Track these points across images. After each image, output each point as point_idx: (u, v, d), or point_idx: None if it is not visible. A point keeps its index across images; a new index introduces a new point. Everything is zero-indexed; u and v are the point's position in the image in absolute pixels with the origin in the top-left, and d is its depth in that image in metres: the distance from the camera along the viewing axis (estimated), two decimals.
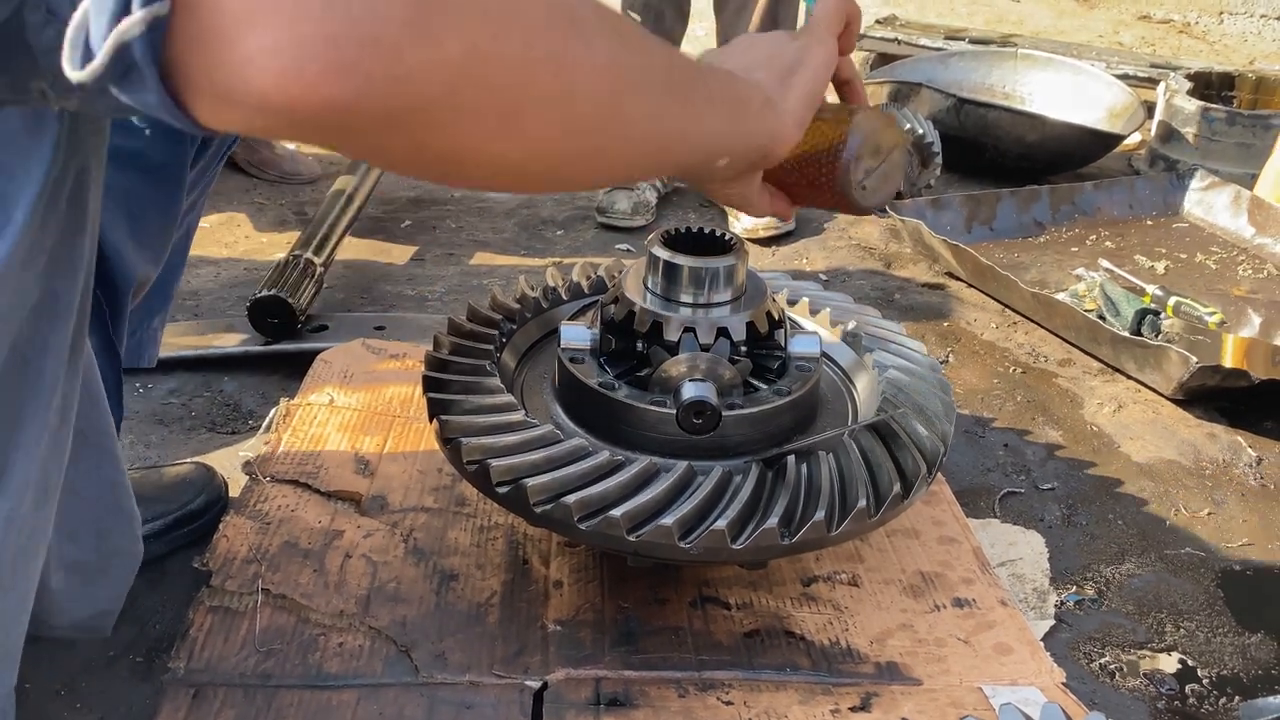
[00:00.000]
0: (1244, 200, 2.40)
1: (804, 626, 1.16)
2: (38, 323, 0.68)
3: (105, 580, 0.94)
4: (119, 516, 0.92)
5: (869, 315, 1.39)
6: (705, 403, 1.09)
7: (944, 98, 2.71)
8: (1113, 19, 4.50)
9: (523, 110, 0.55)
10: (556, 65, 0.56)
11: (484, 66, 0.52)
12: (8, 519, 0.71)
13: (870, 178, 0.91)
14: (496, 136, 0.55)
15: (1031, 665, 1.12)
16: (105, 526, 0.91)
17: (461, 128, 0.54)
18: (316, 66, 0.47)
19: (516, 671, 1.08)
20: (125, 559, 0.95)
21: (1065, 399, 1.80)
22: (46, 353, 0.70)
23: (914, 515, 1.34)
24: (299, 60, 0.47)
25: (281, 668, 1.07)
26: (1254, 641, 1.28)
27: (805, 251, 2.34)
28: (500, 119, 0.54)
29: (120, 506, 0.92)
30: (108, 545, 0.93)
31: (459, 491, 1.34)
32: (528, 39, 0.54)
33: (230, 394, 1.69)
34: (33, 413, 0.71)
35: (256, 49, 0.47)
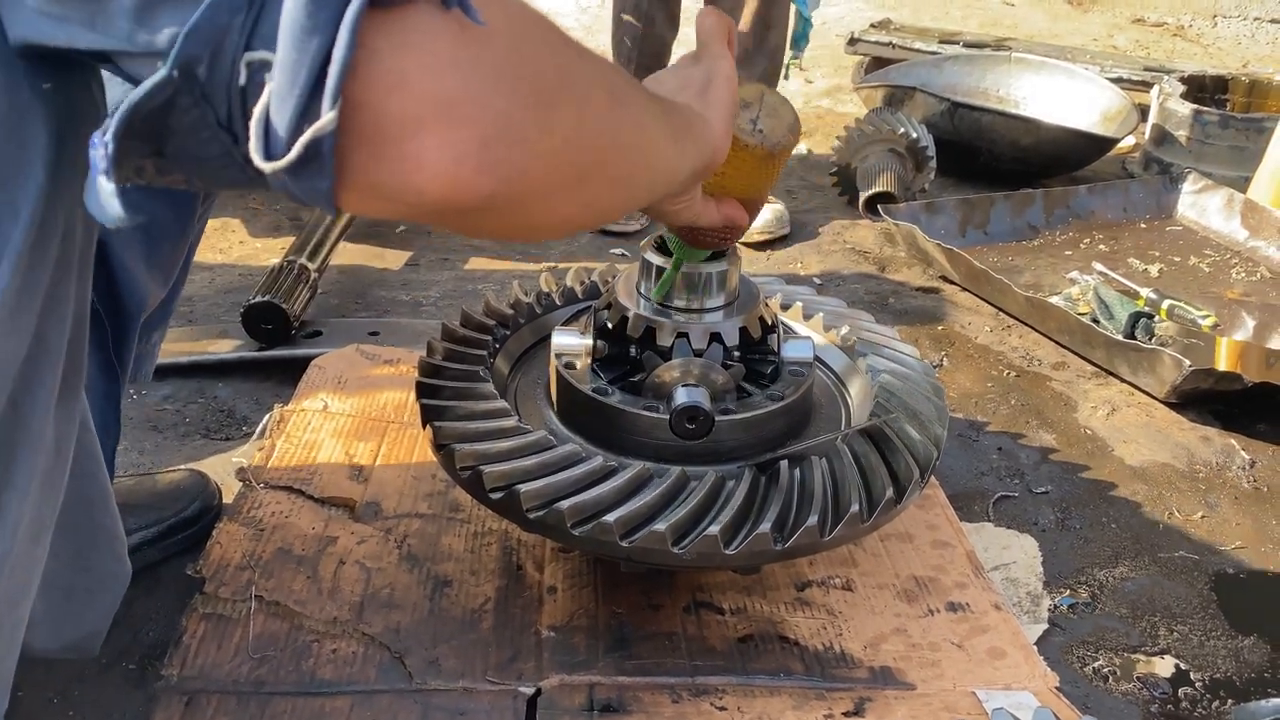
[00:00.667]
0: (1237, 203, 2.40)
1: (798, 631, 1.16)
2: (26, 367, 0.69)
3: (91, 602, 0.94)
4: (102, 538, 0.92)
5: (862, 320, 1.39)
6: (698, 408, 1.10)
7: (938, 101, 2.71)
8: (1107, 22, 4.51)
9: (595, 176, 0.67)
10: (615, 133, 0.68)
11: (577, 149, 0.63)
12: (2, 559, 0.72)
13: (760, 122, 1.00)
14: (571, 203, 0.66)
15: (1025, 669, 1.13)
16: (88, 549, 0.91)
17: (550, 202, 0.63)
18: (471, 165, 0.55)
19: (510, 678, 1.08)
20: (111, 581, 0.95)
21: (1059, 402, 1.80)
22: (36, 395, 0.70)
23: (907, 519, 1.34)
24: (458, 162, 0.55)
25: (275, 675, 1.07)
26: (1247, 645, 1.29)
27: (799, 256, 2.34)
28: (580, 187, 0.65)
29: (103, 527, 0.92)
30: (92, 567, 0.93)
31: (453, 497, 1.34)
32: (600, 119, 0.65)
33: (224, 400, 1.69)
34: (25, 454, 0.71)
35: (419, 151, 0.54)
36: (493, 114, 0.55)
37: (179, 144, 0.54)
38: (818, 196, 2.66)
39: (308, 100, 0.51)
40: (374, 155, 0.54)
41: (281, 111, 0.52)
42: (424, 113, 0.53)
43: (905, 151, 2.53)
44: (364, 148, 0.53)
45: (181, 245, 1.14)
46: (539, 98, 0.58)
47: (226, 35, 0.52)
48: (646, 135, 0.74)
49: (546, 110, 0.59)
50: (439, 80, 0.54)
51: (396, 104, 0.53)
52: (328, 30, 0.51)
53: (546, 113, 0.59)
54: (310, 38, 0.51)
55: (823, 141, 3.01)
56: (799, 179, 2.79)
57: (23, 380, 0.69)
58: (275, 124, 0.52)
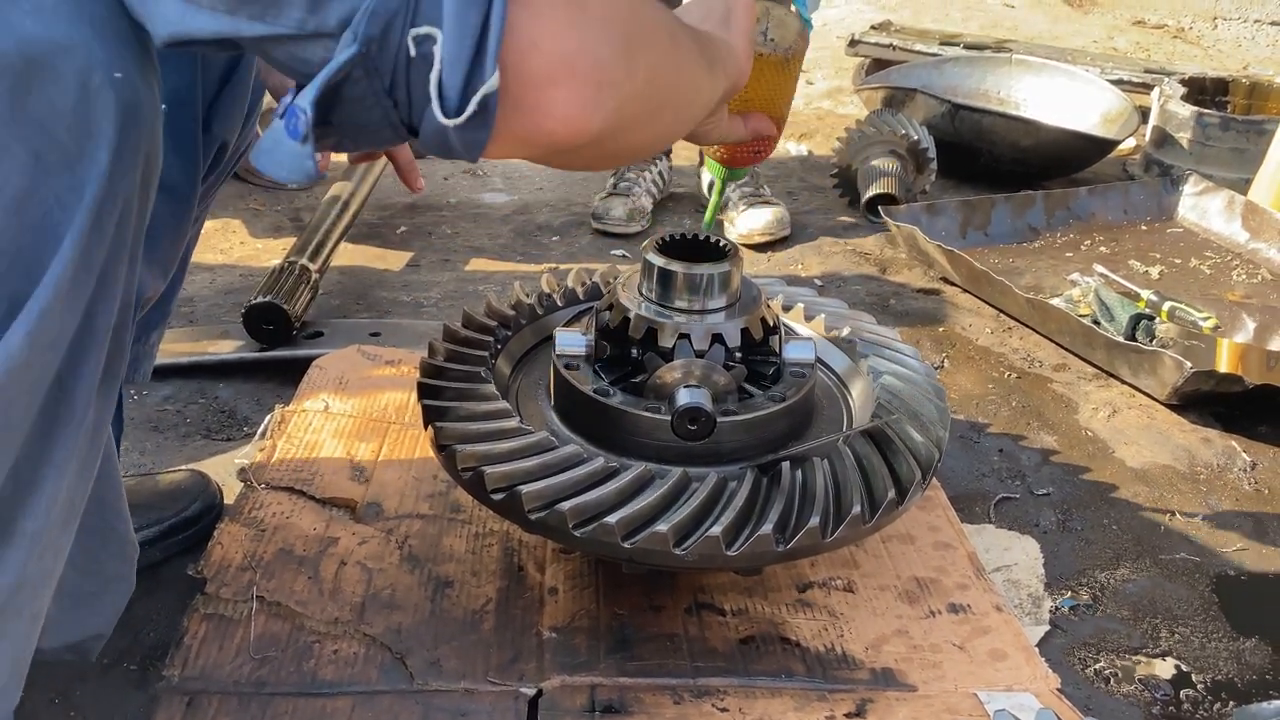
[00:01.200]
0: (1238, 205, 2.41)
1: (799, 633, 1.16)
2: (74, 346, 0.70)
3: (96, 605, 0.94)
4: (113, 541, 0.92)
5: (864, 321, 1.39)
6: (700, 409, 1.10)
7: (939, 103, 2.71)
8: (1107, 24, 4.51)
9: (664, 109, 0.78)
10: (677, 70, 0.79)
11: (653, 87, 0.73)
12: (34, 539, 0.72)
13: (769, 32, 1.09)
14: (648, 133, 0.78)
15: (1026, 671, 1.13)
16: (99, 551, 0.91)
17: (634, 134, 0.75)
18: (590, 110, 0.65)
19: (511, 679, 1.08)
20: (118, 585, 0.95)
21: (1060, 404, 1.80)
22: (81, 375, 0.71)
23: (909, 521, 1.34)
24: (581, 108, 0.65)
25: (276, 675, 1.07)
26: (1248, 646, 1.29)
27: (800, 257, 2.34)
28: (653, 119, 0.77)
29: (114, 530, 0.92)
30: (100, 570, 0.92)
31: (454, 498, 1.34)
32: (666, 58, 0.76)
33: (225, 401, 1.69)
34: (67, 434, 0.72)
35: (551, 102, 0.64)
36: (601, 64, 0.65)
37: (346, 111, 0.62)
38: (818, 198, 2.66)
39: (472, 65, 0.60)
40: (518, 108, 0.63)
41: (453, 76, 0.60)
42: (554, 69, 0.63)
43: (906, 153, 2.53)
44: (510, 102, 0.62)
45: (179, 241, 1.14)
46: (628, 46, 0.68)
47: (396, 15, 0.60)
48: (695, 68, 0.83)
49: (633, 56, 0.68)
50: (563, 41, 0.63)
51: (533, 64, 0.62)
52: (483, 6, 0.59)
53: (634, 58, 0.68)
54: (470, 10, 0.59)
55: (823, 143, 3.01)
56: (799, 180, 2.79)
57: (70, 359, 0.70)
58: (449, 87, 0.60)
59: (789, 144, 3.06)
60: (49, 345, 0.68)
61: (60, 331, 0.68)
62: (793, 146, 3.04)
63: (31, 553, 0.73)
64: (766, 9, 1.09)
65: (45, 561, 0.76)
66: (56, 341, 0.68)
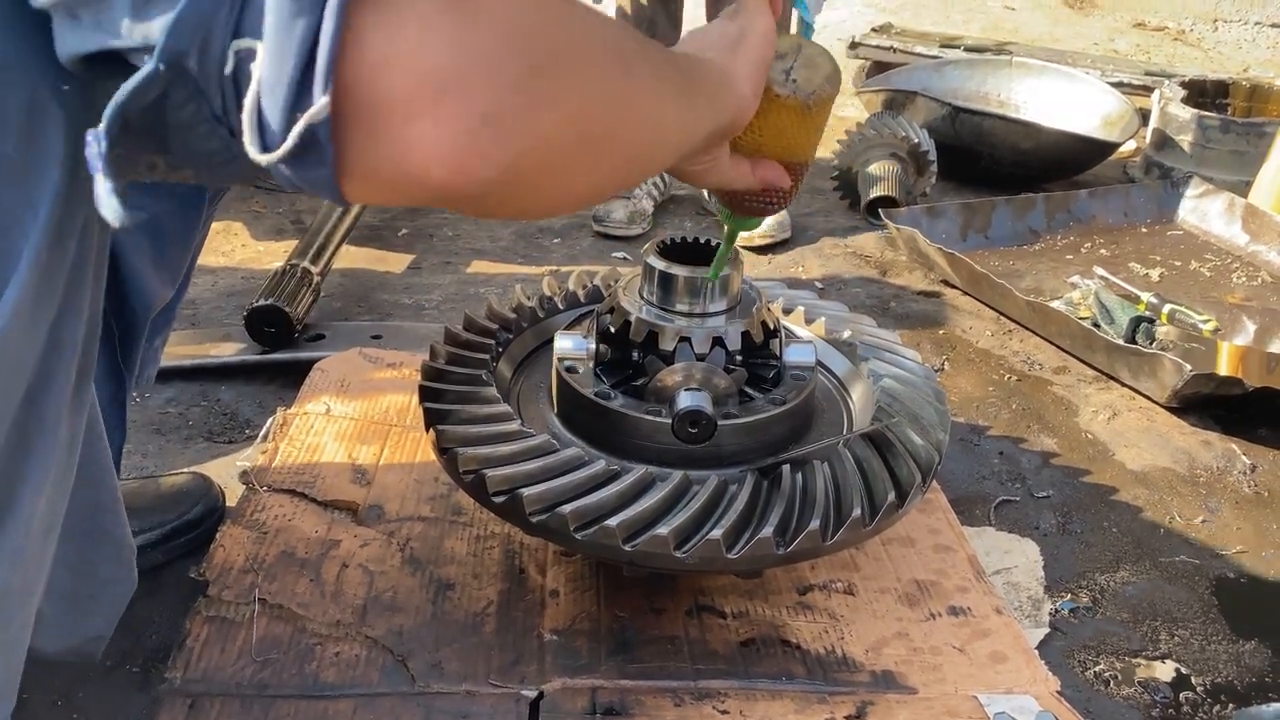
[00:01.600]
0: (1238, 208, 2.41)
1: (800, 635, 1.17)
2: (43, 363, 0.69)
3: (95, 608, 0.94)
4: (108, 544, 0.92)
5: (864, 324, 1.40)
6: (700, 412, 1.10)
7: (939, 106, 2.72)
8: (1107, 26, 4.52)
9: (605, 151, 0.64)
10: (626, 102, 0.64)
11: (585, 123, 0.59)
12: (15, 553, 0.72)
13: (793, 72, 0.94)
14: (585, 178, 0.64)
15: (1026, 673, 1.13)
16: (93, 554, 0.91)
17: (563, 178, 0.61)
18: (472, 145, 0.52)
19: (513, 681, 1.08)
20: (115, 587, 0.95)
21: (1060, 407, 1.81)
22: (51, 391, 0.71)
23: (909, 523, 1.34)
24: (458, 142, 0.52)
25: (278, 677, 1.07)
26: (1248, 649, 1.29)
27: (801, 260, 2.34)
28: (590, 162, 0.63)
29: (109, 534, 0.92)
30: (96, 573, 0.93)
31: (455, 501, 1.34)
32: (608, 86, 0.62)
33: (227, 403, 1.70)
34: (40, 451, 0.71)
35: (417, 133, 0.51)
36: (491, 89, 0.52)
37: (181, 139, 0.53)
38: (819, 200, 2.66)
39: (299, 87, 0.49)
40: (371, 139, 0.51)
41: (273, 100, 0.50)
42: (417, 92, 0.50)
43: (906, 156, 2.53)
44: (360, 132, 0.51)
45: (188, 247, 1.15)
46: (540, 70, 0.55)
47: (214, 24, 0.49)
48: (660, 99, 0.70)
49: (550, 82, 0.55)
50: (430, 56, 0.50)
51: (387, 84, 0.50)
52: (314, 10, 0.48)
53: (550, 85, 0.55)
54: (296, 20, 0.48)
55: (823, 146, 3.01)
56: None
57: (39, 377, 0.69)
58: (268, 113, 0.50)
59: None
60: (13, 368, 0.67)
61: (25, 353, 0.67)
62: None
63: (14, 567, 0.73)
64: (798, 45, 0.96)
65: (29, 573, 0.76)
66: (21, 364, 0.67)
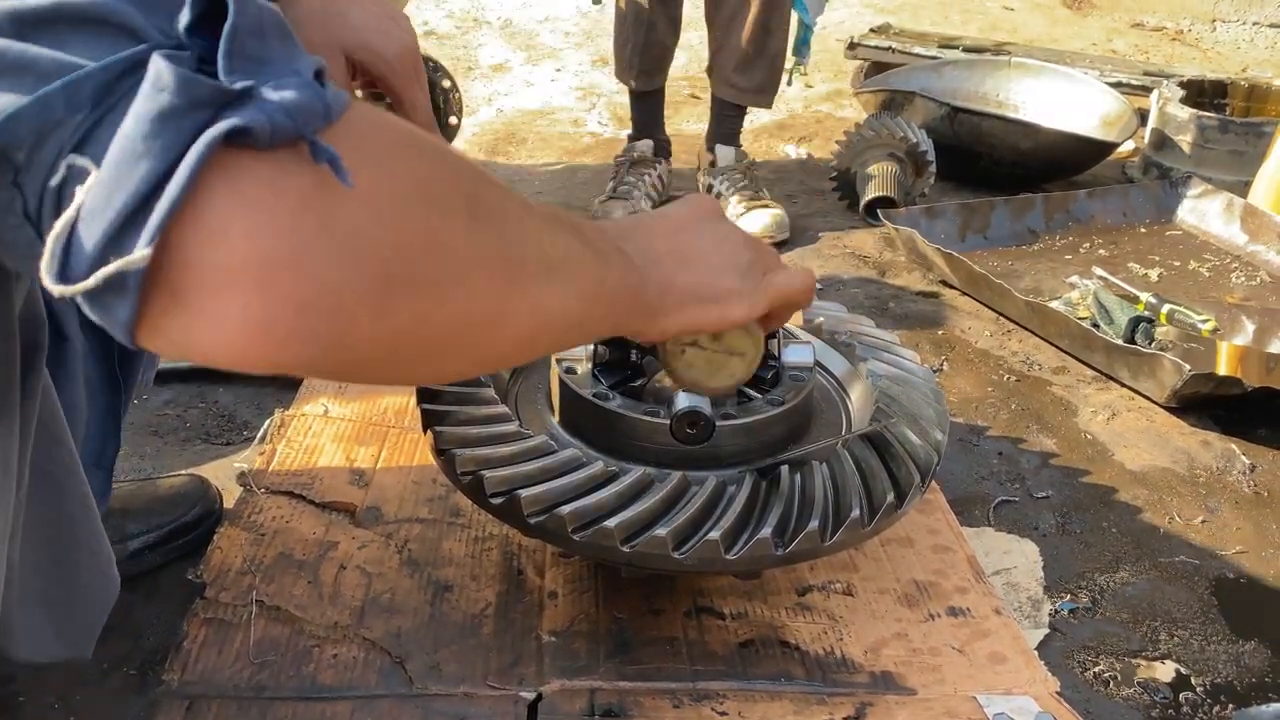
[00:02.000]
0: (1237, 208, 2.41)
1: (799, 636, 1.16)
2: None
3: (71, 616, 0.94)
4: (81, 553, 0.92)
5: (863, 324, 1.40)
6: (699, 413, 1.10)
7: (938, 106, 2.72)
8: (1106, 27, 4.52)
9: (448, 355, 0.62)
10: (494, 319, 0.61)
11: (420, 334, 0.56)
12: None
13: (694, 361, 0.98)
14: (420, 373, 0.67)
15: (1026, 674, 1.13)
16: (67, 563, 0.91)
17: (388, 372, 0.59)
18: (275, 333, 0.49)
19: (511, 683, 1.08)
20: (94, 595, 0.94)
21: (1059, 407, 1.80)
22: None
23: (908, 524, 1.34)
24: (260, 329, 0.49)
25: (276, 679, 1.07)
26: (1248, 650, 1.29)
27: (799, 260, 2.34)
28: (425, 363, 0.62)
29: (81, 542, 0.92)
30: (72, 581, 0.92)
31: (453, 502, 1.34)
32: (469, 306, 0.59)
33: (225, 405, 1.69)
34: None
35: (220, 310, 0.48)
36: (320, 285, 0.49)
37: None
38: (817, 201, 2.66)
39: (121, 228, 0.46)
40: (172, 303, 0.48)
41: (90, 231, 0.47)
42: (239, 272, 0.48)
43: (905, 156, 2.53)
44: (165, 293, 0.48)
45: None
46: (389, 278, 0.52)
47: (56, 129, 0.47)
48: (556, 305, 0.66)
49: (394, 291, 0.53)
50: (268, 241, 0.48)
51: (212, 256, 0.47)
52: (164, 157, 0.46)
53: (393, 294, 0.53)
54: (141, 160, 0.46)
55: (822, 146, 3.02)
56: (799, 183, 2.79)
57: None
58: (80, 242, 0.47)
59: (788, 147, 3.06)
60: None
61: None
62: (791, 149, 3.05)
63: None
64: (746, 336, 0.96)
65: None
66: None
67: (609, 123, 3.22)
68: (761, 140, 3.10)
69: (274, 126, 0.48)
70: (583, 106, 3.36)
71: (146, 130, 0.46)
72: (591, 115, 3.29)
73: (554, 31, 4.11)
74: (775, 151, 3.04)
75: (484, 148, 2.99)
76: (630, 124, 2.66)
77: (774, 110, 2.87)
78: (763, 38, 2.39)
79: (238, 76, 0.48)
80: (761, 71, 2.43)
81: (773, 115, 3.13)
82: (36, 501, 0.84)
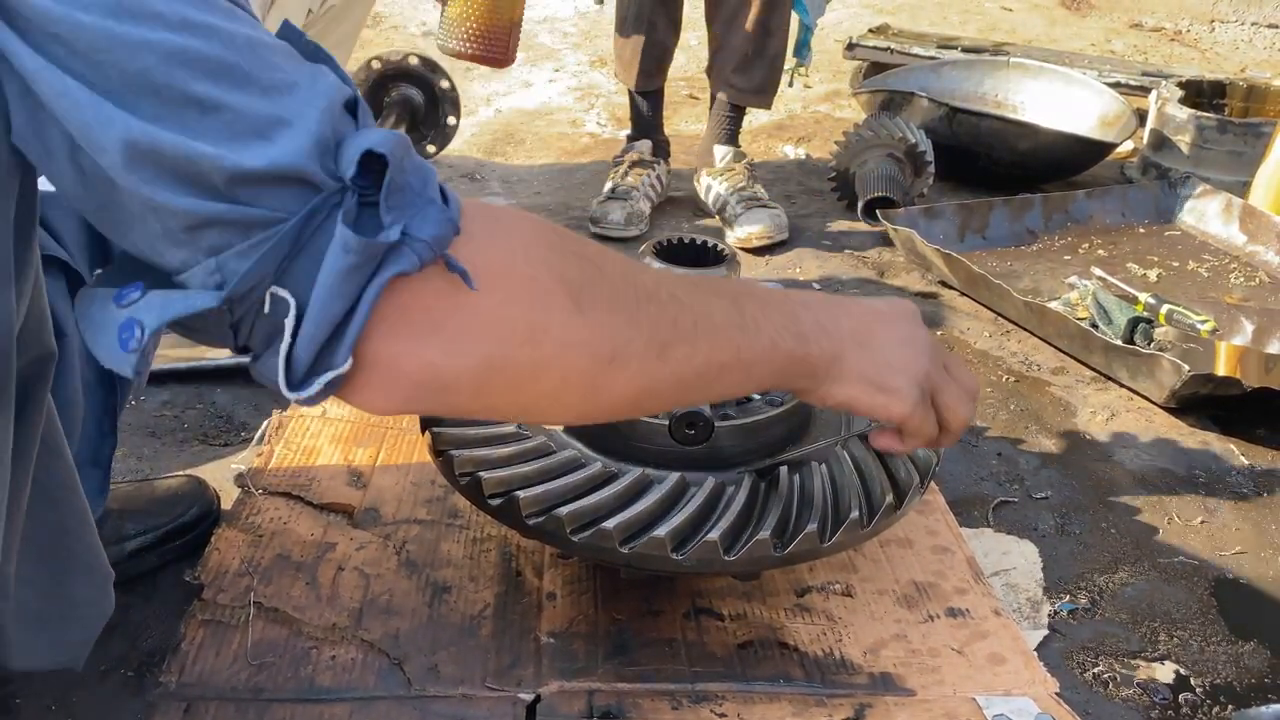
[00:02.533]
0: (1236, 208, 2.41)
1: (798, 637, 1.16)
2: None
3: (66, 629, 0.93)
4: (77, 567, 0.92)
5: None
6: (698, 414, 1.10)
7: (937, 107, 2.72)
8: (1105, 27, 4.52)
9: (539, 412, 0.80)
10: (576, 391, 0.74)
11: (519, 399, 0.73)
12: None
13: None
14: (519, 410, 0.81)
15: (1025, 675, 1.12)
16: (63, 576, 0.91)
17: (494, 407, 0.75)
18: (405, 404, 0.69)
19: (509, 684, 1.08)
20: (88, 609, 0.94)
21: (1058, 407, 1.80)
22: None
23: (907, 525, 1.34)
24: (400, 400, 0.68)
25: (274, 681, 1.07)
26: (1247, 650, 1.29)
27: (798, 260, 2.34)
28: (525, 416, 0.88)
29: (77, 556, 0.91)
30: (67, 595, 0.92)
31: (452, 504, 1.34)
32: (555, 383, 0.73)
33: (222, 406, 1.69)
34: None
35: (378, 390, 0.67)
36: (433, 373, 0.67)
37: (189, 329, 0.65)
38: (816, 201, 2.66)
39: (324, 346, 0.63)
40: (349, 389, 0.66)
41: (305, 352, 0.63)
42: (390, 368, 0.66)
43: (904, 156, 2.53)
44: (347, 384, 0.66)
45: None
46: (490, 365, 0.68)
47: (265, 277, 0.62)
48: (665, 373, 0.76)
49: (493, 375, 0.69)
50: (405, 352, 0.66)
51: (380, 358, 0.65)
52: (351, 297, 0.62)
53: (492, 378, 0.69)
54: (335, 301, 0.62)
55: (821, 146, 3.02)
56: (797, 184, 2.79)
57: None
58: (298, 359, 0.63)
59: (787, 147, 3.06)
60: None
61: None
62: (790, 150, 3.04)
63: None
64: None
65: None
66: None
67: (607, 123, 3.22)
68: (760, 141, 3.10)
69: (422, 260, 0.64)
70: (581, 107, 3.36)
71: (337, 281, 0.62)
72: (590, 116, 3.29)
73: (553, 32, 4.11)
74: (774, 152, 3.04)
75: (482, 148, 2.99)
76: (629, 124, 2.66)
77: (772, 110, 2.87)
78: (763, 38, 2.39)
79: (394, 218, 0.63)
80: (761, 72, 2.43)
81: (771, 115, 3.13)
82: (32, 515, 0.84)
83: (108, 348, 0.64)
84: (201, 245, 0.62)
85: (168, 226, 0.61)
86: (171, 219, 0.61)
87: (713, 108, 2.57)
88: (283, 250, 0.61)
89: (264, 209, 0.61)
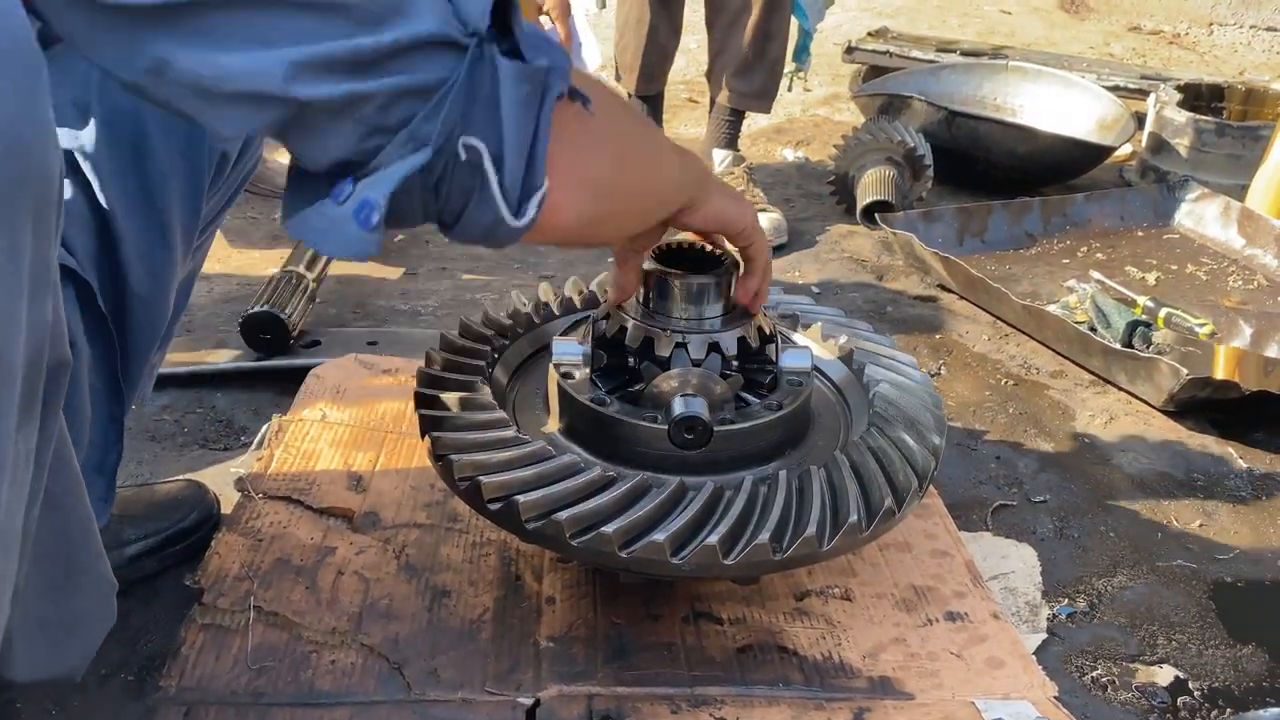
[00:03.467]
0: (1234, 211, 2.41)
1: (797, 641, 1.16)
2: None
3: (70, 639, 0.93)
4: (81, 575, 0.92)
5: (861, 329, 1.40)
6: (697, 418, 1.10)
7: (936, 110, 2.72)
8: (1103, 30, 4.53)
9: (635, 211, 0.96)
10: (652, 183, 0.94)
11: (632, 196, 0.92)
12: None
13: None
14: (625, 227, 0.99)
15: (1024, 679, 1.13)
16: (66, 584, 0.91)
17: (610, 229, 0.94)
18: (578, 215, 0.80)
19: (509, 688, 1.08)
20: (92, 620, 0.94)
21: (1057, 411, 1.81)
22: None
23: (906, 529, 1.34)
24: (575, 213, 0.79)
25: (273, 685, 1.07)
26: (1245, 653, 1.29)
27: (797, 264, 2.34)
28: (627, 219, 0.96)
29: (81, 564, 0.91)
30: (72, 605, 0.92)
31: (451, 508, 1.34)
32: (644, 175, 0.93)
33: (222, 410, 1.69)
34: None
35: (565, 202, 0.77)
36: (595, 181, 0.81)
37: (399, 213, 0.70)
38: (815, 205, 2.67)
39: (527, 174, 0.71)
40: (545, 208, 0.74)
41: (513, 181, 0.71)
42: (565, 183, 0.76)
43: (903, 160, 2.53)
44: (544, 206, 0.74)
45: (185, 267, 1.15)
46: (620, 162, 0.85)
47: (456, 125, 0.68)
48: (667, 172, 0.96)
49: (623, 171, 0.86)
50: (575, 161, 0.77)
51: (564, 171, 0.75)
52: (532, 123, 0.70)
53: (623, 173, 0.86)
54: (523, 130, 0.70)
55: (820, 150, 3.02)
56: (796, 187, 2.79)
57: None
58: (510, 192, 0.71)
59: (786, 151, 3.07)
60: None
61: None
62: (789, 153, 3.05)
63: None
64: None
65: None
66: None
67: None
68: (759, 144, 3.11)
69: (565, 87, 0.73)
70: None
71: (520, 111, 0.70)
72: None
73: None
74: (773, 155, 3.05)
75: None
76: None
77: (771, 114, 2.87)
78: (763, 43, 2.39)
79: (533, 54, 0.70)
80: (761, 76, 2.44)
81: (770, 119, 3.14)
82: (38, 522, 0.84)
83: (346, 239, 0.69)
84: (392, 121, 0.67)
85: (363, 114, 0.66)
86: (367, 105, 0.66)
87: (712, 111, 2.57)
88: (460, 101, 0.67)
89: (432, 73, 0.67)
